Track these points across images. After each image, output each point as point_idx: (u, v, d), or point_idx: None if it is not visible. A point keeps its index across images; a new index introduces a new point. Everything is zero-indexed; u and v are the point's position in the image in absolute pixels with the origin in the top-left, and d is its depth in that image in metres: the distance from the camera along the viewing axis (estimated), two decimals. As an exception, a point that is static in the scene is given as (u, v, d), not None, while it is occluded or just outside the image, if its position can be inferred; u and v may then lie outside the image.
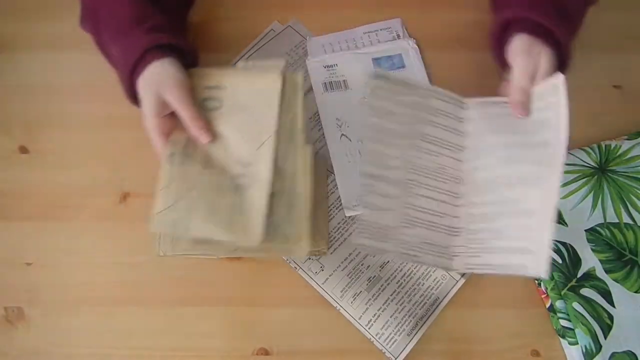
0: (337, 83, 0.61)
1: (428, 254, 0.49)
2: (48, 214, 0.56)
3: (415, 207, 0.50)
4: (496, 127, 0.51)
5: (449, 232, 0.50)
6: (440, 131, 0.52)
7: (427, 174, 0.51)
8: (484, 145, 0.51)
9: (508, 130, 0.49)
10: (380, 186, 0.49)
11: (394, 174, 0.49)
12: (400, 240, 0.48)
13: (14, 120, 0.60)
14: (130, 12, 0.51)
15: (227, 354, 0.51)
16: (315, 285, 0.53)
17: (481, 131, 0.51)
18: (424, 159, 0.51)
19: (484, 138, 0.51)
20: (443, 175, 0.51)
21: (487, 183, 0.49)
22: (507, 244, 0.46)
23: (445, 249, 0.50)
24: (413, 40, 0.63)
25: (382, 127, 0.50)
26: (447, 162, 0.51)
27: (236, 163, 0.49)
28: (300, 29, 0.64)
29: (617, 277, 0.52)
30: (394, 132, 0.50)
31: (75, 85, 0.62)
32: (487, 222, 0.48)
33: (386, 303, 0.52)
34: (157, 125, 0.49)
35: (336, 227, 0.56)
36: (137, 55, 0.49)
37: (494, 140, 0.50)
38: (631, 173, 0.56)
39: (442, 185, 0.51)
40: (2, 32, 0.64)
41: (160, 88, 0.49)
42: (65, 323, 0.52)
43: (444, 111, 0.52)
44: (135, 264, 0.54)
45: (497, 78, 0.62)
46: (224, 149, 0.50)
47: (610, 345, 0.50)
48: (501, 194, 0.48)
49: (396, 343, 0.50)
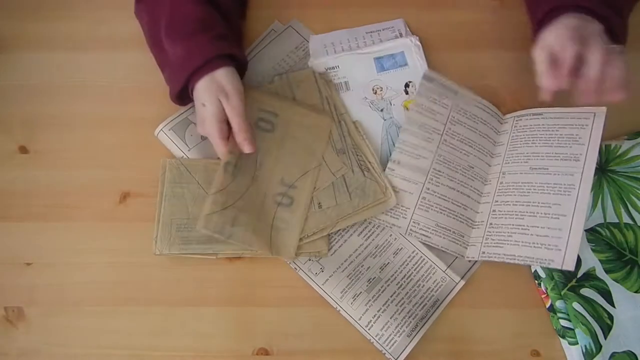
0: (339, 84, 0.61)
1: (441, 237, 0.54)
2: (48, 214, 0.56)
3: (435, 194, 0.55)
4: (528, 138, 0.56)
5: (469, 224, 0.55)
6: (476, 136, 0.57)
7: (454, 168, 0.56)
8: (515, 153, 0.56)
9: (540, 141, 0.55)
10: (401, 171, 0.55)
11: (420, 162, 0.55)
12: (413, 220, 0.54)
13: (14, 120, 0.60)
14: (196, 15, 0.53)
15: (227, 354, 0.52)
16: (315, 287, 0.53)
17: (514, 142, 0.57)
18: (455, 154, 0.56)
19: (515, 148, 0.56)
20: (471, 173, 0.56)
21: (516, 186, 0.54)
22: (534, 240, 0.51)
23: (461, 237, 0.54)
24: (416, 37, 0.62)
25: (422, 123, 0.57)
26: (477, 162, 0.57)
27: (279, 182, 0.55)
28: (301, 29, 0.64)
29: (617, 277, 0.52)
30: (431, 128, 0.57)
31: (75, 85, 0.62)
32: (514, 218, 0.53)
33: (386, 304, 0.52)
34: (220, 129, 0.51)
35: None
36: (201, 62, 0.51)
37: (526, 150, 0.55)
38: (631, 173, 0.56)
39: (468, 181, 0.56)
40: (2, 32, 0.64)
41: (220, 95, 0.51)
42: (65, 323, 0.52)
43: (483, 119, 0.58)
44: (135, 264, 0.54)
45: (496, 78, 0.63)
46: (271, 168, 0.55)
47: (610, 345, 0.50)
48: (531, 197, 0.53)
49: (396, 344, 0.50)
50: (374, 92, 0.61)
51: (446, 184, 0.55)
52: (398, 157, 0.55)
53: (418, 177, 0.55)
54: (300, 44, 0.64)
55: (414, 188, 0.55)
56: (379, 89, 0.61)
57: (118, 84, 0.62)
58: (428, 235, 0.54)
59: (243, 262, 0.54)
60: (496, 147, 0.58)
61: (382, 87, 0.61)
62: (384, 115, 0.60)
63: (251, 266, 0.54)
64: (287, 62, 0.62)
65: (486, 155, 0.57)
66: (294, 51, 0.63)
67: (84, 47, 0.64)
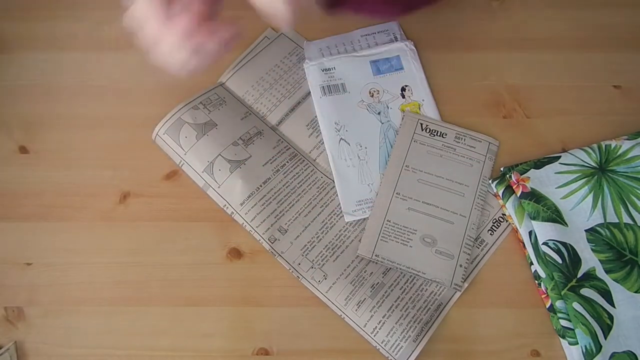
0: (335, 87, 0.61)
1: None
2: (48, 214, 0.56)
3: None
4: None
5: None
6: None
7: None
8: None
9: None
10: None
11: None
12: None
13: (14, 120, 0.60)
14: None
15: (227, 354, 0.51)
16: (319, 294, 0.53)
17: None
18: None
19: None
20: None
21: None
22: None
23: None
24: (411, 42, 0.63)
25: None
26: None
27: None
28: (293, 36, 0.64)
29: (617, 277, 0.52)
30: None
31: (75, 85, 0.62)
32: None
33: (391, 309, 0.52)
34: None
35: (337, 235, 0.55)
36: None
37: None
38: (631, 173, 0.56)
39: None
40: (2, 32, 0.64)
41: None
42: (65, 323, 0.52)
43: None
44: (135, 264, 0.54)
45: (496, 78, 0.63)
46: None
47: (611, 345, 0.50)
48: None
49: (402, 350, 0.50)
50: (370, 95, 0.61)
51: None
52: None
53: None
54: (293, 50, 0.64)
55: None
56: (376, 92, 0.61)
57: (118, 84, 0.62)
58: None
59: (243, 262, 0.55)
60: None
61: (379, 90, 0.61)
62: (381, 119, 0.60)
63: (251, 266, 0.54)
64: (281, 68, 0.63)
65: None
66: (288, 57, 0.63)
67: (85, 47, 0.64)
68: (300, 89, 0.62)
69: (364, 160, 0.58)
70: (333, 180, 0.57)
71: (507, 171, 0.56)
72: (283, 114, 0.61)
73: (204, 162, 0.56)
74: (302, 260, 0.54)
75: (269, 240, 0.54)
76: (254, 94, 0.61)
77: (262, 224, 0.55)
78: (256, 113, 0.61)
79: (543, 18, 0.65)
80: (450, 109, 0.61)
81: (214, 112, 0.58)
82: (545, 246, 0.52)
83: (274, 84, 0.62)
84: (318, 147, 0.59)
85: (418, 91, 0.61)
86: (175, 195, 0.57)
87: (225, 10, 0.65)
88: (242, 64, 0.63)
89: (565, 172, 0.56)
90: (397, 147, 0.58)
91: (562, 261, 0.52)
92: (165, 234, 0.55)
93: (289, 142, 0.59)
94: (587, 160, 0.56)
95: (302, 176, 0.57)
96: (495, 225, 0.56)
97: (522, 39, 0.64)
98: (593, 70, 0.63)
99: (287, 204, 0.56)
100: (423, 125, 0.59)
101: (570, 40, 0.65)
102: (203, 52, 0.41)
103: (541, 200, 0.54)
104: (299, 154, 0.59)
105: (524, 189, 0.55)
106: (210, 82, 0.62)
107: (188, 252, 0.55)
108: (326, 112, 0.60)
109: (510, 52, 0.64)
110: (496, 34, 0.65)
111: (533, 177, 0.55)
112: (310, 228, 0.55)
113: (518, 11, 0.66)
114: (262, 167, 0.57)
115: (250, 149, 0.57)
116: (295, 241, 0.55)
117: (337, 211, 0.56)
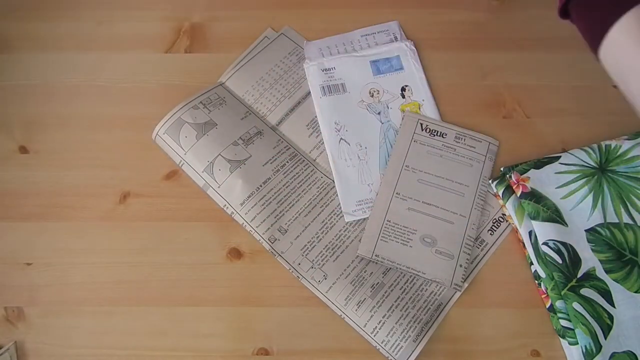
0: (336, 86, 0.61)
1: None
2: (48, 214, 0.56)
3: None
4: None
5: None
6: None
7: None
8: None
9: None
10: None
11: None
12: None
13: (14, 120, 0.60)
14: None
15: (227, 354, 0.51)
16: (319, 294, 0.53)
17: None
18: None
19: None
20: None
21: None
22: None
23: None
24: (411, 42, 0.63)
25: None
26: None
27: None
28: (293, 36, 0.64)
29: (617, 277, 0.52)
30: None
31: (75, 85, 0.62)
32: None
33: (391, 309, 0.52)
34: None
35: (337, 235, 0.55)
36: None
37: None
38: (631, 173, 0.56)
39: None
40: (2, 32, 0.64)
41: None
42: (65, 323, 0.52)
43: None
44: (135, 264, 0.54)
45: (496, 78, 0.63)
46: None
47: (611, 345, 0.50)
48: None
49: (402, 350, 0.50)
50: (370, 94, 0.61)
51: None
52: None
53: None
54: (293, 50, 0.64)
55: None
56: (376, 92, 0.61)
57: (118, 84, 0.62)
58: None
59: (243, 262, 0.55)
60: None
61: (379, 90, 0.61)
62: (382, 119, 0.60)
63: (251, 266, 0.54)
64: (281, 68, 0.63)
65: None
66: (287, 57, 0.63)
67: (85, 47, 0.64)
68: (300, 89, 0.62)
69: (364, 160, 0.58)
70: (333, 180, 0.57)
71: (507, 171, 0.56)
72: (283, 114, 0.61)
73: (204, 162, 0.56)
74: (302, 260, 0.54)
75: (269, 240, 0.54)
76: (254, 93, 0.61)
77: (262, 224, 0.55)
78: (256, 113, 0.61)
79: (543, 18, 0.65)
80: (450, 109, 0.61)
81: (214, 112, 0.58)
82: (545, 246, 0.52)
83: (274, 83, 0.62)
84: (318, 147, 0.59)
85: (418, 91, 0.61)
86: (175, 195, 0.57)
87: (226, 10, 0.66)
88: (242, 64, 0.63)
89: (565, 172, 0.56)
90: (397, 147, 0.58)
91: (562, 261, 0.52)
92: (165, 234, 0.55)
93: (289, 142, 0.59)
94: (587, 160, 0.56)
95: (302, 176, 0.58)
96: (495, 225, 0.56)
97: (522, 39, 0.64)
98: (593, 70, 0.63)
99: (287, 204, 0.56)
100: (423, 125, 0.59)
101: (571, 40, 0.64)
102: None
103: (541, 200, 0.54)
104: (299, 154, 0.59)
105: (524, 189, 0.55)
106: (210, 82, 0.62)
107: (188, 252, 0.55)
108: (326, 112, 0.60)
109: (510, 52, 0.64)
110: (496, 34, 0.65)
111: (533, 177, 0.55)
112: (310, 228, 0.55)
113: (518, 11, 0.66)
114: (262, 167, 0.57)
115: (250, 148, 0.57)
116: (295, 241, 0.55)
117: (337, 211, 0.56)
